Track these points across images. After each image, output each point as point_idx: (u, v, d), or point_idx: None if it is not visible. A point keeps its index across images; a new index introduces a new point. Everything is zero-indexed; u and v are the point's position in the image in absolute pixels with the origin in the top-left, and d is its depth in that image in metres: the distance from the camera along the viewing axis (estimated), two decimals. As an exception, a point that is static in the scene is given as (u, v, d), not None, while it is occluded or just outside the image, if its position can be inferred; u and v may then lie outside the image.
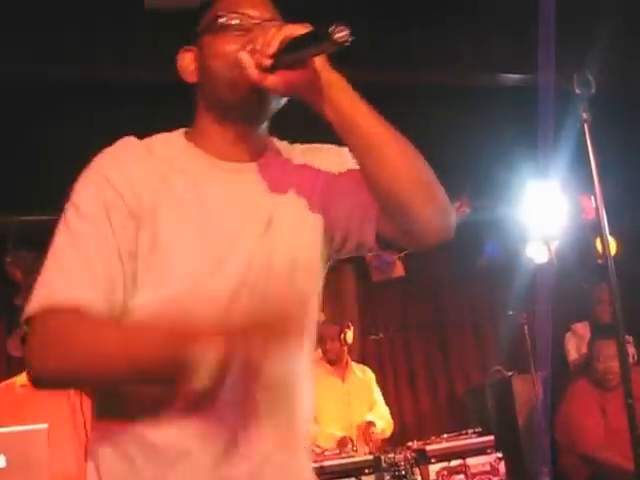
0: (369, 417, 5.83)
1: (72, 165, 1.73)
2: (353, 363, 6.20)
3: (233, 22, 1.69)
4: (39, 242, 1.76)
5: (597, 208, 2.47)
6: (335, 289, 7.58)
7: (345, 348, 6.03)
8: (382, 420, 5.89)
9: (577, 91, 2.44)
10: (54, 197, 1.82)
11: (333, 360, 6.02)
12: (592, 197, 2.57)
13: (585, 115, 2.48)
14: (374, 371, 6.32)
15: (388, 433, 5.92)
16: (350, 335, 6.09)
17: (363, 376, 6.19)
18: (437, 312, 7.75)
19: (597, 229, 6.49)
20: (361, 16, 5.35)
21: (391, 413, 6.08)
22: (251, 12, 1.70)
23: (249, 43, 1.63)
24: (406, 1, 5.39)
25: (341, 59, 5.17)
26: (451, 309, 7.82)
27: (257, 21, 1.69)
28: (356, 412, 5.91)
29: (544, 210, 6.75)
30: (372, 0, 5.34)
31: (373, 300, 7.97)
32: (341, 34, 1.52)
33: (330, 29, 1.51)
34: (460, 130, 6.16)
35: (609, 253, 2.45)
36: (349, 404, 5.94)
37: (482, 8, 5.49)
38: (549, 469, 5.54)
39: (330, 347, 5.97)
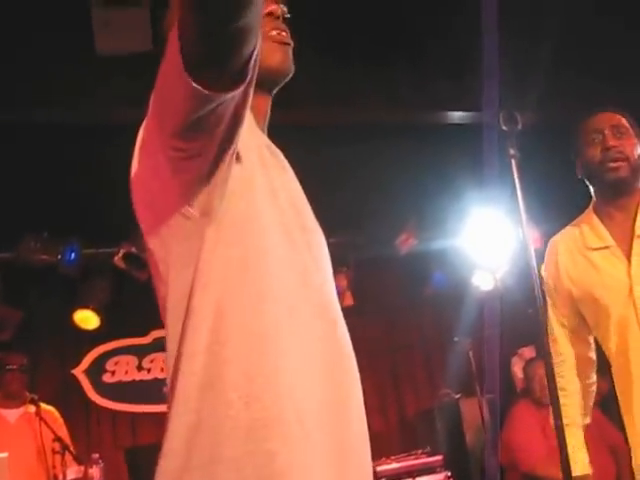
0: None
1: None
2: None
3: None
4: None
5: (525, 241, 2.47)
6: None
7: None
8: None
9: (503, 128, 2.46)
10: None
11: None
12: (528, 228, 2.57)
13: (512, 151, 2.48)
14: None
15: None
16: None
17: None
18: (387, 338, 7.79)
19: (539, 257, 6.75)
20: (307, 55, 5.54)
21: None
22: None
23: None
24: (351, 41, 5.47)
25: (287, 98, 5.42)
26: (401, 335, 7.82)
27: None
28: None
29: (489, 240, 6.92)
30: (318, 39, 5.47)
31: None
32: None
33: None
34: (405, 165, 6.23)
35: (537, 280, 2.47)
36: None
37: (424, 47, 5.59)
38: None
39: None
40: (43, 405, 5.48)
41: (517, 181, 2.48)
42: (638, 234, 2.71)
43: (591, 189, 2.88)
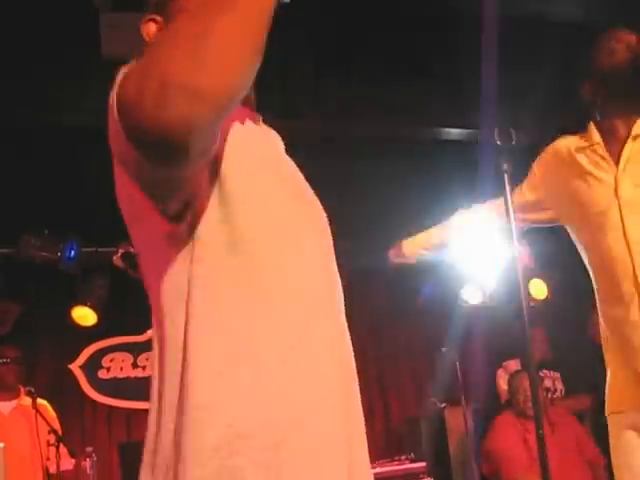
0: None
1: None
2: None
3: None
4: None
5: (514, 256, 2.46)
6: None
7: None
8: None
9: (498, 142, 2.49)
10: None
11: None
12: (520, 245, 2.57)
13: (505, 166, 2.50)
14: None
15: None
16: None
17: None
18: (375, 346, 7.81)
19: (529, 274, 6.82)
20: (307, 71, 5.56)
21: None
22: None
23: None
24: (351, 57, 5.54)
25: (286, 110, 5.59)
26: (388, 344, 7.87)
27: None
28: None
29: (480, 254, 7.02)
30: (318, 55, 5.49)
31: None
32: None
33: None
34: (399, 178, 6.37)
35: (526, 295, 2.50)
36: None
37: (422, 64, 5.67)
38: None
39: None
40: (37, 399, 5.54)
41: (509, 196, 2.51)
42: (634, 134, 2.71)
43: (598, 111, 2.85)
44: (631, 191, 2.61)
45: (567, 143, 2.86)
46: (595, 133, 2.78)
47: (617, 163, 2.68)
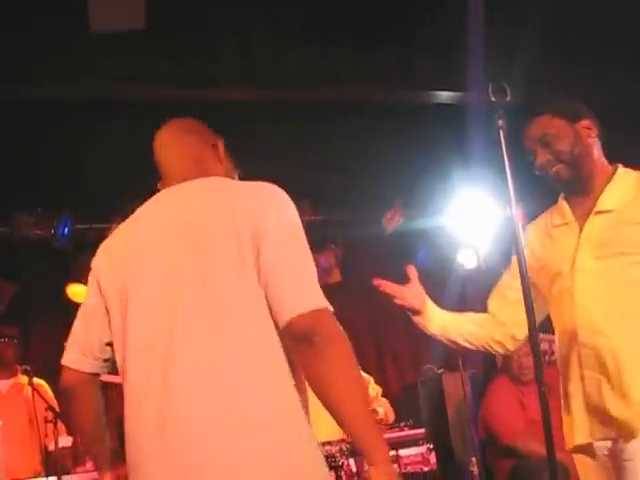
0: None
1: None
2: None
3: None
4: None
5: (512, 215, 2.43)
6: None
7: None
8: (383, 408, 6.01)
9: (492, 99, 2.43)
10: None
11: None
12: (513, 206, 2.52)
13: (500, 122, 2.45)
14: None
15: (391, 419, 6.08)
16: None
17: None
18: (371, 314, 7.86)
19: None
20: (296, 37, 5.55)
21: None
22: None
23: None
24: (339, 21, 5.50)
25: (277, 77, 5.53)
26: (385, 311, 7.87)
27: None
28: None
29: (474, 218, 7.01)
30: (307, 21, 5.48)
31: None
32: None
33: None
34: (392, 144, 6.34)
35: (522, 259, 2.45)
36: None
37: (411, 27, 5.65)
38: (477, 459, 5.78)
39: None
40: (35, 379, 5.54)
41: (505, 152, 2.46)
42: (597, 210, 2.79)
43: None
44: (588, 262, 2.73)
45: (543, 221, 3.02)
46: (567, 210, 2.89)
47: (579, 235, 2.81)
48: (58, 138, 5.73)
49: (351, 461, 5.27)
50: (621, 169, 2.88)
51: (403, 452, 5.45)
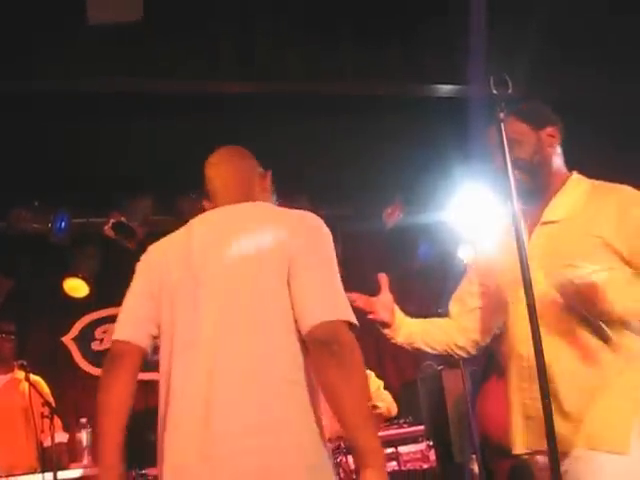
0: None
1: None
2: None
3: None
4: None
5: (513, 208, 2.37)
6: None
7: None
8: (385, 402, 6.09)
9: (494, 91, 2.39)
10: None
11: None
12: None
13: (502, 115, 2.41)
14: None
15: (394, 412, 6.13)
16: None
17: None
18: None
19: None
20: (298, 30, 5.52)
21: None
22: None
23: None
24: (341, 15, 5.52)
25: (279, 70, 5.47)
26: None
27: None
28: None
29: (475, 213, 6.97)
30: (308, 14, 5.47)
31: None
32: None
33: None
34: (394, 138, 6.32)
35: (524, 254, 2.39)
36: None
37: (414, 23, 5.64)
38: (477, 456, 5.73)
39: None
40: (31, 376, 5.50)
41: (506, 145, 2.40)
42: (543, 221, 2.76)
43: None
44: (535, 275, 2.58)
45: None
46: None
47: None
48: (55, 132, 5.72)
49: (349, 458, 5.25)
50: (575, 176, 2.83)
51: (402, 449, 5.47)
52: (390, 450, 5.44)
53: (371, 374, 6.29)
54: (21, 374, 5.56)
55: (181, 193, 6.81)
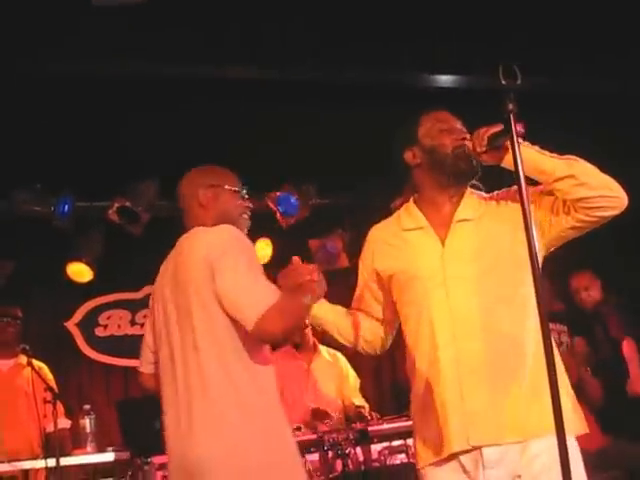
0: (357, 402, 6.02)
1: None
2: (322, 347, 6.25)
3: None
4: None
5: (522, 200, 2.35)
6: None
7: (308, 330, 6.08)
8: (366, 405, 6.05)
9: (502, 82, 2.40)
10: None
11: (298, 344, 6.13)
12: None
13: (511, 106, 2.41)
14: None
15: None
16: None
17: (333, 360, 6.24)
18: None
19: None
20: (304, 16, 5.54)
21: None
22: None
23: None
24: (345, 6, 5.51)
25: (284, 59, 5.39)
26: None
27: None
28: (322, 395, 6.03)
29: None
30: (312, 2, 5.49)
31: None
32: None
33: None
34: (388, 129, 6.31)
35: (533, 247, 2.35)
36: (314, 387, 6.06)
37: (421, 13, 5.64)
38: None
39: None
40: (35, 361, 5.45)
41: (515, 137, 2.39)
42: (457, 219, 2.88)
43: (417, 178, 3.03)
44: (464, 270, 2.82)
45: (386, 229, 3.11)
46: (419, 215, 2.98)
47: (443, 243, 2.88)
48: (58, 113, 5.67)
49: (358, 450, 5.26)
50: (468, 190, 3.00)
51: (411, 441, 5.33)
52: (398, 443, 5.40)
53: (350, 370, 6.34)
54: (24, 359, 5.51)
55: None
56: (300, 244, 7.65)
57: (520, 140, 2.48)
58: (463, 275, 2.81)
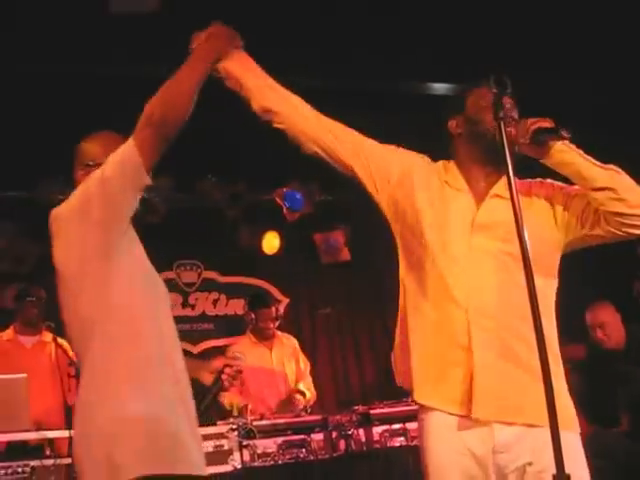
0: (301, 386, 6.31)
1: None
2: (278, 332, 6.59)
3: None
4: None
5: (514, 205, 2.35)
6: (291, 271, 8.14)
7: (272, 325, 6.52)
8: (309, 391, 6.35)
9: (494, 90, 2.44)
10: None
11: (264, 335, 6.48)
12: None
13: (502, 113, 2.45)
14: (323, 342, 6.69)
15: (312, 400, 6.39)
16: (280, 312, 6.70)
17: (288, 342, 6.59)
18: (380, 292, 7.84)
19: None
20: (312, 22, 5.69)
21: (338, 381, 6.48)
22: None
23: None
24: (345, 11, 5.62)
25: (284, 61, 5.51)
26: (393, 289, 7.93)
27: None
28: (284, 378, 6.37)
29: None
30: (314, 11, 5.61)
31: (322, 279, 8.30)
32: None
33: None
34: (403, 126, 6.47)
35: (525, 251, 2.42)
36: (277, 371, 6.37)
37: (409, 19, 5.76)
38: None
39: (265, 326, 6.46)
40: (59, 339, 5.61)
41: (506, 143, 2.40)
42: (493, 194, 2.81)
43: (457, 148, 2.96)
44: (487, 244, 2.74)
45: (435, 170, 2.99)
46: (460, 177, 2.91)
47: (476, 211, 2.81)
48: (82, 108, 5.79)
49: (360, 431, 5.49)
50: None
51: (410, 425, 5.54)
52: (398, 426, 5.57)
53: (300, 352, 6.62)
54: (48, 336, 5.78)
55: (201, 175, 7.14)
56: (306, 237, 7.99)
57: (567, 143, 2.61)
58: (485, 249, 2.74)
